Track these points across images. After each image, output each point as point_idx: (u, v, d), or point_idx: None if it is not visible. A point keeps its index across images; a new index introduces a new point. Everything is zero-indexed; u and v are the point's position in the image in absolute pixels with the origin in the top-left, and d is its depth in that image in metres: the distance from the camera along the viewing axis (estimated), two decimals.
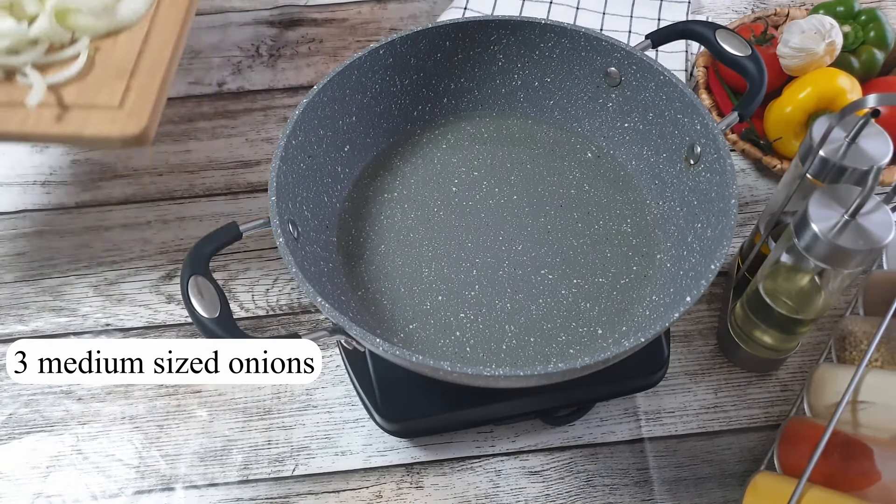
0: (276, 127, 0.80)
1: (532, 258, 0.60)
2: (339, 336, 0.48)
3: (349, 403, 0.63)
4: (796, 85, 0.68)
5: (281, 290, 0.69)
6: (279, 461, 0.61)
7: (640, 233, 0.61)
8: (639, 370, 0.59)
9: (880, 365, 0.54)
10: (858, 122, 0.50)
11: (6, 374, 0.65)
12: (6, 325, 0.68)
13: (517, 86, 0.66)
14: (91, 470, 0.61)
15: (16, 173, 0.78)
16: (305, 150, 0.57)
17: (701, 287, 0.48)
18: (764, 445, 0.60)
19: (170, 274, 0.71)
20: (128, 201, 0.75)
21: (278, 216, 0.51)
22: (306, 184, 0.58)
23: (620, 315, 0.57)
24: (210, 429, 0.62)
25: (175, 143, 0.79)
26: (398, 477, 0.60)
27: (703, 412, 0.62)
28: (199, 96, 0.83)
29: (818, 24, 0.66)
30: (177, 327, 0.68)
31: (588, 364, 0.45)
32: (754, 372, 0.64)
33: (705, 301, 0.68)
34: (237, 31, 0.88)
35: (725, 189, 0.52)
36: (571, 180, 0.64)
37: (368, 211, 0.63)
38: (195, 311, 0.45)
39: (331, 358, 0.65)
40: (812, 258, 0.48)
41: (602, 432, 0.62)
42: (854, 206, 0.46)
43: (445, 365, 0.45)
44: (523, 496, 0.59)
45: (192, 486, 0.60)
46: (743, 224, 0.72)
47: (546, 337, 0.56)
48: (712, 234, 0.53)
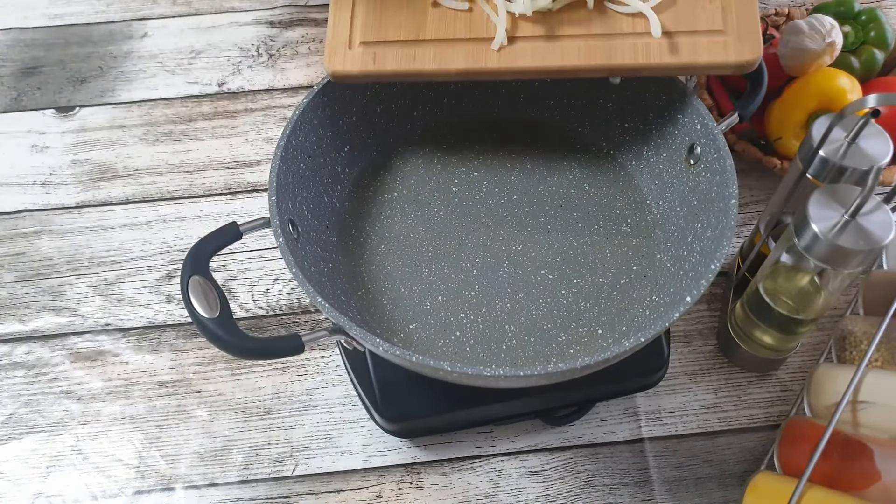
0: (276, 127, 0.80)
1: (532, 258, 0.60)
2: (339, 336, 0.48)
3: (349, 403, 0.63)
4: (796, 85, 0.68)
5: (281, 290, 0.69)
6: (279, 461, 0.61)
7: (640, 233, 0.61)
8: (639, 370, 0.59)
9: (880, 365, 0.54)
10: (858, 122, 0.50)
11: (6, 374, 0.65)
12: (6, 325, 0.68)
13: (518, 87, 0.66)
14: (91, 470, 0.61)
15: (16, 173, 0.78)
16: (305, 150, 0.57)
17: (701, 287, 0.48)
18: (764, 445, 0.60)
19: (170, 274, 0.71)
20: (128, 201, 0.75)
21: (278, 216, 0.51)
22: (306, 184, 0.58)
23: (620, 315, 0.57)
24: (210, 429, 0.62)
25: (175, 143, 0.79)
26: (398, 477, 0.60)
27: (703, 412, 0.62)
28: (199, 96, 0.83)
29: (818, 24, 0.66)
30: (177, 327, 0.68)
31: (588, 364, 0.45)
32: (754, 372, 0.64)
33: (705, 301, 0.68)
34: (237, 31, 0.88)
35: (725, 189, 0.52)
36: (571, 180, 0.64)
37: (368, 211, 0.63)
38: (195, 311, 0.45)
39: (331, 358, 0.65)
40: (812, 258, 0.48)
41: (602, 432, 0.62)
42: (854, 206, 0.46)
43: (445, 365, 0.45)
44: (523, 496, 0.59)
45: (192, 486, 0.60)
46: (743, 224, 0.72)
47: (546, 337, 0.56)
48: (712, 234, 0.53)
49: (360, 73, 0.56)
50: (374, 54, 0.56)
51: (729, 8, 0.53)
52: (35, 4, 0.91)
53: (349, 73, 0.56)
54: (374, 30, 0.57)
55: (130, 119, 0.81)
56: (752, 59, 0.52)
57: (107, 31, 0.88)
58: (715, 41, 0.53)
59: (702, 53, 0.53)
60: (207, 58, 0.86)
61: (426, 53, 0.56)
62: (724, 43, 0.53)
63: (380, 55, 0.56)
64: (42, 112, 0.82)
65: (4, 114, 0.82)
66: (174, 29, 0.88)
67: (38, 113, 0.82)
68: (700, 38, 0.53)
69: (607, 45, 0.54)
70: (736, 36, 0.53)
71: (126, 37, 0.88)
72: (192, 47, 0.86)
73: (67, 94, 0.83)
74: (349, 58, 0.56)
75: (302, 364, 0.65)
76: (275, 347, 0.48)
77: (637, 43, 0.54)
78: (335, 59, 0.56)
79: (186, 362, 0.66)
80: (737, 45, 0.52)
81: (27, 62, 0.86)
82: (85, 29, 0.89)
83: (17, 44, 0.88)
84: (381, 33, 0.56)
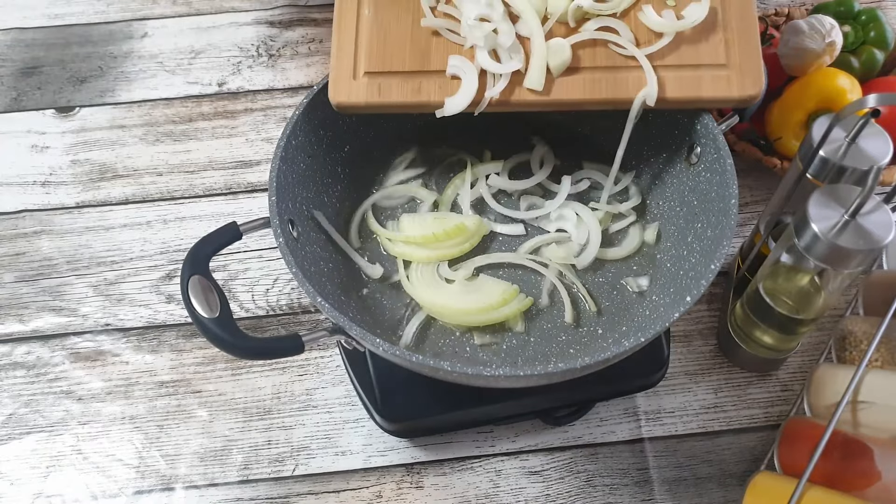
0: (276, 127, 0.80)
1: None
2: (339, 336, 0.48)
3: (349, 403, 0.63)
4: (796, 85, 0.68)
5: (281, 290, 0.69)
6: (279, 461, 0.61)
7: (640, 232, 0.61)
8: (639, 370, 0.59)
9: (880, 365, 0.54)
10: (858, 122, 0.50)
11: (6, 374, 0.65)
12: (6, 325, 0.68)
13: None
14: (91, 470, 0.61)
15: (16, 173, 0.78)
16: (305, 150, 0.57)
17: (701, 287, 0.48)
18: (764, 445, 0.60)
19: (170, 274, 0.71)
20: (128, 201, 0.75)
21: (278, 216, 0.51)
22: (306, 184, 0.58)
23: (620, 315, 0.57)
24: (210, 429, 0.62)
25: (175, 143, 0.79)
26: (398, 477, 0.60)
27: (703, 412, 0.62)
28: (199, 96, 0.83)
29: (818, 24, 0.66)
30: (177, 327, 0.68)
31: (588, 364, 0.45)
32: (754, 372, 0.64)
33: (705, 301, 0.67)
34: (237, 31, 0.88)
35: (725, 189, 0.52)
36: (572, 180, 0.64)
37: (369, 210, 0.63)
38: (195, 311, 0.45)
39: (331, 358, 0.65)
40: (812, 258, 0.48)
41: (602, 432, 0.62)
42: (854, 206, 0.46)
43: (445, 365, 0.45)
44: (523, 496, 0.59)
45: (192, 486, 0.60)
46: (743, 224, 0.72)
47: (546, 337, 0.56)
48: (712, 234, 0.53)
49: (366, 105, 0.55)
50: (380, 85, 0.55)
51: (732, 42, 0.53)
52: (35, 4, 0.91)
53: (355, 104, 0.55)
54: (379, 59, 0.55)
55: (130, 119, 0.81)
56: (755, 93, 0.52)
57: (107, 31, 0.88)
58: (718, 75, 0.53)
59: (706, 88, 0.53)
60: (207, 58, 0.86)
61: (431, 85, 0.55)
62: (727, 77, 0.53)
63: (385, 86, 0.55)
64: (42, 112, 0.82)
65: (4, 114, 0.82)
66: (174, 29, 0.88)
67: (38, 113, 0.82)
68: (704, 71, 0.53)
69: (612, 77, 0.54)
70: (738, 70, 0.53)
71: (126, 37, 0.88)
72: (192, 47, 0.86)
73: (67, 94, 0.83)
74: (354, 89, 0.55)
75: (302, 364, 0.65)
76: (275, 347, 0.48)
77: (641, 77, 0.53)
78: (340, 89, 0.55)
79: (186, 362, 0.66)
80: (739, 79, 0.53)
81: (27, 62, 0.86)
82: (85, 29, 0.89)
83: (17, 44, 0.88)
84: (386, 63, 0.55)
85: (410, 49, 0.55)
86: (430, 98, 0.55)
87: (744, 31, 0.53)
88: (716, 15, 0.54)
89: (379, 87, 0.55)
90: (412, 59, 0.55)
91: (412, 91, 0.55)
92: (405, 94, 0.55)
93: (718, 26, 0.54)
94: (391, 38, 0.56)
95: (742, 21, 0.54)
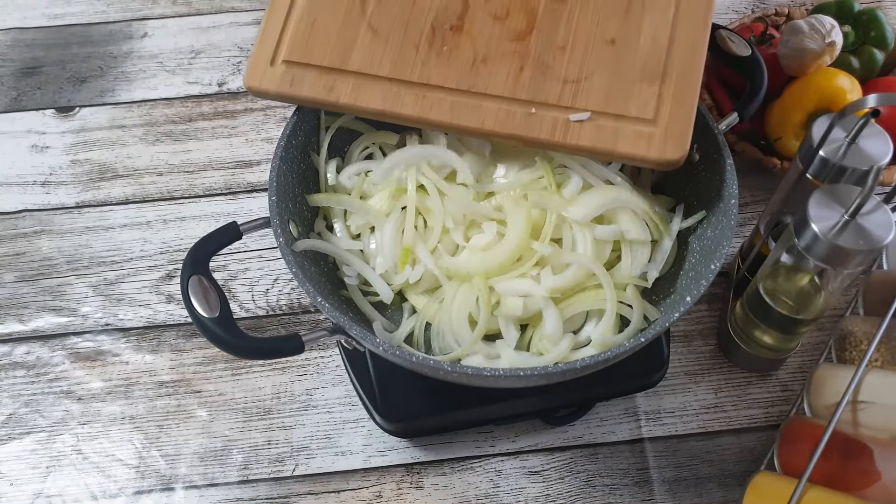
0: (276, 127, 0.80)
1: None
2: (339, 336, 0.48)
3: (349, 403, 0.63)
4: (796, 85, 0.68)
5: (281, 290, 0.69)
6: (279, 461, 0.61)
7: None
8: (639, 370, 0.59)
9: (880, 365, 0.54)
10: (858, 122, 0.50)
11: (6, 374, 0.65)
12: (6, 325, 0.68)
13: None
14: (91, 470, 0.61)
15: (16, 173, 0.78)
16: (305, 150, 0.57)
17: (701, 287, 0.48)
18: (764, 445, 0.60)
19: (170, 274, 0.71)
20: (128, 201, 0.75)
21: (278, 216, 0.51)
22: (306, 184, 0.58)
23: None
24: (210, 429, 0.62)
25: (175, 143, 0.79)
26: (398, 477, 0.60)
27: (703, 412, 0.62)
28: (199, 96, 0.83)
29: (818, 24, 0.66)
30: (177, 327, 0.68)
31: (588, 364, 0.45)
32: (754, 372, 0.64)
33: (705, 301, 0.68)
34: (237, 31, 0.88)
35: (725, 189, 0.52)
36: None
37: None
38: (195, 311, 0.45)
39: (331, 358, 0.65)
40: (812, 258, 0.48)
41: (602, 432, 0.62)
42: (854, 206, 0.46)
43: (445, 365, 0.45)
44: (523, 496, 0.59)
45: (192, 486, 0.60)
46: (743, 224, 0.72)
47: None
48: (712, 234, 0.53)
49: (276, 94, 0.54)
50: (293, 77, 0.53)
51: (665, 98, 0.49)
52: (35, 4, 0.91)
53: (265, 91, 0.54)
54: (301, 49, 0.54)
55: (130, 119, 0.81)
56: (675, 159, 0.48)
57: (107, 31, 0.88)
58: (640, 131, 0.49)
59: (622, 143, 0.49)
60: (207, 58, 0.86)
61: (344, 86, 0.53)
62: (649, 135, 0.49)
63: (298, 78, 0.53)
64: (42, 112, 0.82)
65: (4, 114, 0.82)
66: (174, 29, 0.88)
67: (38, 113, 0.82)
68: (626, 124, 0.49)
69: (526, 113, 0.51)
70: (664, 130, 0.49)
71: (126, 37, 0.88)
72: (192, 47, 0.86)
73: (67, 94, 0.83)
74: (268, 75, 0.54)
75: (302, 364, 0.65)
76: (275, 347, 0.48)
77: (558, 118, 0.50)
78: (254, 73, 0.54)
79: (186, 362, 0.66)
80: (661, 141, 0.49)
81: (27, 62, 0.86)
82: (85, 29, 0.89)
83: (17, 44, 0.88)
84: (306, 54, 0.53)
85: (334, 44, 0.54)
86: (340, 99, 0.53)
87: (683, 85, 0.49)
88: (660, 54, 0.50)
89: (293, 77, 0.53)
90: (332, 55, 0.53)
91: (324, 89, 0.53)
92: (316, 90, 0.53)
93: (657, 74, 0.50)
94: (318, 29, 0.54)
95: (685, 71, 0.50)
